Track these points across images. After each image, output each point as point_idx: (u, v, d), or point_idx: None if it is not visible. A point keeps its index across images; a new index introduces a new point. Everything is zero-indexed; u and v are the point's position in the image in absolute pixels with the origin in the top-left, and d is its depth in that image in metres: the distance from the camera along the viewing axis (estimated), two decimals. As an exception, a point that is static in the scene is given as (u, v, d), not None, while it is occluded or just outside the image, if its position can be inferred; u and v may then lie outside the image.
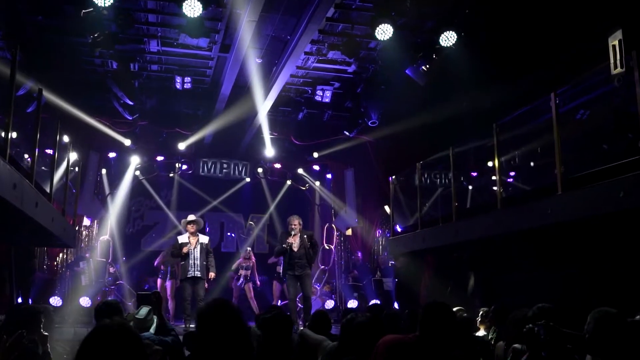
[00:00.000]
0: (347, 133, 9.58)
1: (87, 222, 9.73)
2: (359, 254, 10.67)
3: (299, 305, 7.72)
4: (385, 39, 6.53)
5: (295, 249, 7.13)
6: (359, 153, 10.17)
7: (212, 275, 7.80)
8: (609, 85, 4.42)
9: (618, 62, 4.19)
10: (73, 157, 7.04)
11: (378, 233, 10.50)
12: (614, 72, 4.22)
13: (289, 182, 11.37)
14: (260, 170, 11.05)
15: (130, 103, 8.42)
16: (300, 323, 7.02)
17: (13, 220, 4.81)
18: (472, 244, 6.23)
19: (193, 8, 6.15)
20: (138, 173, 10.59)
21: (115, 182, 10.31)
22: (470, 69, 6.77)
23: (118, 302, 4.85)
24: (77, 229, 8.47)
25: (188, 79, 8.38)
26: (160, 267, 9.32)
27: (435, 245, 6.87)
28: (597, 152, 5.05)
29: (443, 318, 2.69)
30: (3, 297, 6.87)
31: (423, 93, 7.68)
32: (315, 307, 8.93)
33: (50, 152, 5.94)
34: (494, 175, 5.96)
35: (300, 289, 7.22)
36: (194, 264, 7.61)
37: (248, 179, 11.18)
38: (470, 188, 7.24)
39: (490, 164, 6.31)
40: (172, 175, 10.98)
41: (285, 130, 10.22)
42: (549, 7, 6.06)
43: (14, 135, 5.33)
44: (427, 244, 7.04)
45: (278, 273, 9.23)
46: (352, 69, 8.33)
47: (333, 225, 11.15)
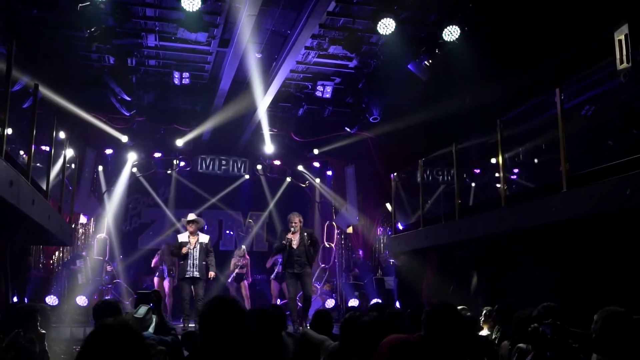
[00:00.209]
0: (348, 129, 9.51)
1: (83, 219, 9.68)
2: (360, 252, 10.62)
3: (299, 305, 7.66)
4: (387, 34, 6.50)
5: (295, 246, 7.09)
6: (360, 149, 10.09)
7: (211, 275, 7.73)
8: (615, 81, 4.37)
9: (624, 57, 4.13)
10: (69, 153, 6.98)
11: (379, 231, 10.41)
12: (620, 67, 4.15)
13: (289, 179, 11.31)
14: (260, 167, 10.98)
15: (128, 99, 8.35)
16: (298, 322, 6.95)
17: (9, 218, 4.77)
18: (475, 242, 6.19)
19: (192, 2, 6.11)
20: (135, 170, 10.53)
21: (112, 179, 10.26)
22: (474, 64, 6.73)
23: (117, 301, 4.78)
24: (73, 227, 8.40)
25: (186, 74, 8.30)
26: (158, 265, 9.26)
27: (438, 243, 6.83)
28: (602, 148, 5.05)
29: (449, 319, 2.67)
30: (-1, 295, 6.79)
31: (425, 88, 7.64)
32: (316, 306, 8.88)
33: (46, 148, 5.88)
34: (498, 172, 5.90)
35: (301, 288, 7.16)
36: (193, 264, 7.55)
37: (247, 176, 11.11)
38: (473, 185, 7.20)
39: (494, 161, 6.27)
40: (169, 172, 10.91)
41: (285, 127, 10.16)
42: (554, 1, 5.99)
43: (10, 132, 5.25)
44: (429, 242, 7.00)
45: (277, 272, 9.17)
46: (353, 64, 8.25)
47: (333, 223, 11.10)
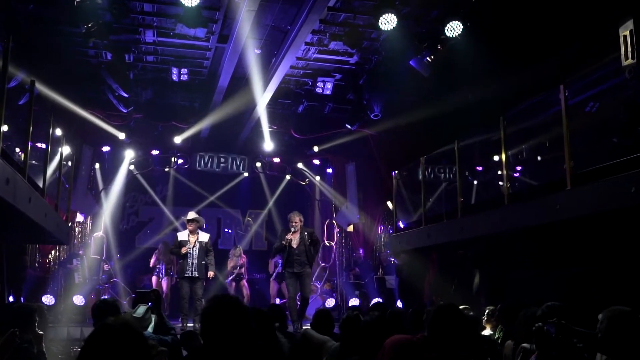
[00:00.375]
0: (348, 126, 9.45)
1: (80, 218, 9.63)
2: (361, 251, 10.57)
3: (298, 304, 7.62)
4: (389, 29, 6.46)
5: (295, 246, 7.06)
6: (361, 147, 10.06)
7: (211, 275, 7.66)
8: (620, 77, 4.33)
9: (629, 52, 4.11)
10: (66, 150, 6.95)
11: (380, 229, 10.39)
12: (625, 63, 4.14)
13: (289, 176, 11.27)
14: (259, 165, 10.92)
15: (125, 95, 8.30)
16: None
17: (6, 216, 4.74)
18: (477, 241, 6.16)
19: (190, -3, 6.02)
20: (133, 167, 10.46)
21: (109, 176, 10.19)
22: (476, 60, 6.72)
23: (116, 300, 4.73)
24: (70, 225, 8.32)
25: (185, 71, 8.28)
26: (156, 265, 9.23)
27: (440, 242, 6.81)
28: (607, 145, 5.01)
29: (453, 320, 2.66)
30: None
31: (427, 85, 7.61)
32: (316, 305, 8.84)
33: (43, 145, 5.84)
34: (500, 170, 5.86)
35: (299, 289, 7.12)
36: (192, 264, 7.49)
37: (246, 174, 11.05)
38: (476, 183, 7.16)
39: (497, 158, 6.23)
40: (167, 170, 10.84)
41: (285, 123, 10.10)
42: (558, -5, 5.95)
43: (6, 129, 5.19)
44: (431, 241, 6.98)
45: (277, 273, 9.14)
46: (354, 60, 8.21)
47: (334, 222, 11.06)
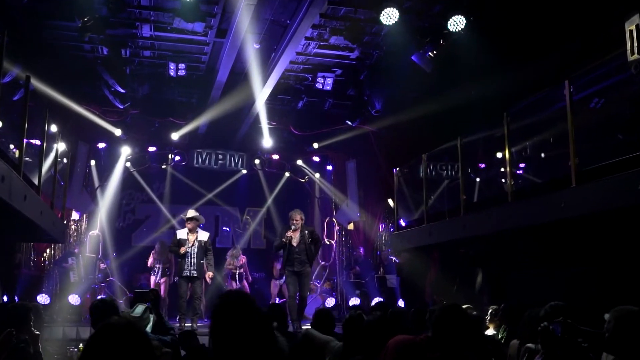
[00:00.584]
0: (349, 122, 9.38)
1: (75, 216, 9.55)
2: (361, 250, 10.53)
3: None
4: (391, 24, 6.38)
5: (295, 244, 7.02)
6: (362, 143, 9.99)
7: (209, 275, 7.54)
8: (626, 73, 4.29)
9: (635, 48, 4.07)
10: (61, 147, 6.89)
11: (381, 227, 10.34)
12: (631, 58, 4.10)
13: (288, 174, 11.22)
14: (258, 162, 10.89)
15: (121, 91, 8.22)
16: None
17: (1, 215, 4.66)
18: (480, 239, 6.10)
19: (188, -10, 5.92)
20: (129, 164, 10.40)
21: (105, 174, 10.12)
22: (479, 55, 6.67)
23: (114, 299, 4.67)
24: (65, 223, 8.21)
25: (182, 66, 8.19)
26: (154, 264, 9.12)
27: (442, 240, 6.77)
28: (612, 142, 4.96)
29: (457, 321, 2.64)
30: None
31: (429, 80, 7.53)
32: (316, 305, 8.78)
33: (38, 142, 5.76)
34: (504, 167, 5.80)
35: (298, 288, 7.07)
36: (191, 263, 7.43)
37: (244, 171, 10.99)
38: (478, 180, 7.12)
39: (500, 155, 6.18)
40: (164, 167, 10.79)
41: (284, 120, 10.03)
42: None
43: (0, 125, 5.09)
44: (433, 239, 6.94)
45: (277, 272, 9.08)
46: (355, 55, 8.13)
47: (334, 220, 11.02)
